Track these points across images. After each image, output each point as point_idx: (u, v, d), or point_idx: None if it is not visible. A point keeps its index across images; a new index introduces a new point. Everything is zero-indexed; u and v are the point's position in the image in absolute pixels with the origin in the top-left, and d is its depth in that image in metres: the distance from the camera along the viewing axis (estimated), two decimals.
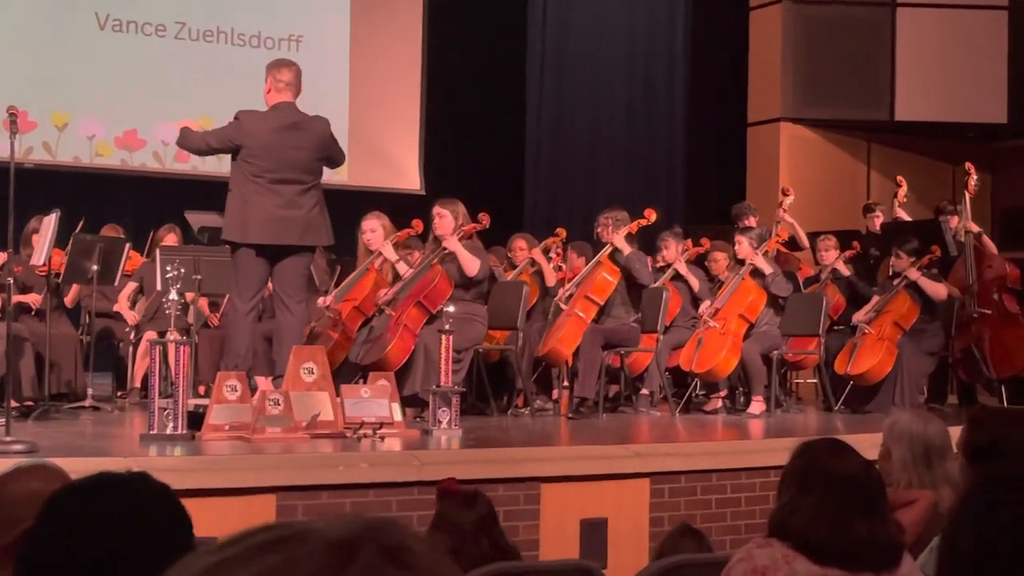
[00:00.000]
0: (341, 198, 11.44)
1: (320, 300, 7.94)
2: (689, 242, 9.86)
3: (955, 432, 3.52)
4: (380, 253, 8.09)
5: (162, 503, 1.87)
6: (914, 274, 8.92)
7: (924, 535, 3.54)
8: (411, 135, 12.96)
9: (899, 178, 10.83)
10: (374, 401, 6.41)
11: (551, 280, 9.18)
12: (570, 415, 8.07)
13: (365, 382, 6.80)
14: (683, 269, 9.30)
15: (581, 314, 8.36)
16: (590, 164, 13.89)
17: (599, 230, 8.67)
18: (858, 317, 9.11)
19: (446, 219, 7.89)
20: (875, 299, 9.15)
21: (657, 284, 9.01)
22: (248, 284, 6.75)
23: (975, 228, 9.51)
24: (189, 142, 6.97)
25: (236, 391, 6.12)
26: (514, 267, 9.30)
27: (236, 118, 6.79)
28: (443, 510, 3.74)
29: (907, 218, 10.50)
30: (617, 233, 8.49)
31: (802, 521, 2.77)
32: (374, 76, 12.75)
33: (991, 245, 9.66)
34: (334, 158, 6.99)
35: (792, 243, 10.33)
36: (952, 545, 1.63)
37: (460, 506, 3.73)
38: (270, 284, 6.94)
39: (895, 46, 12.91)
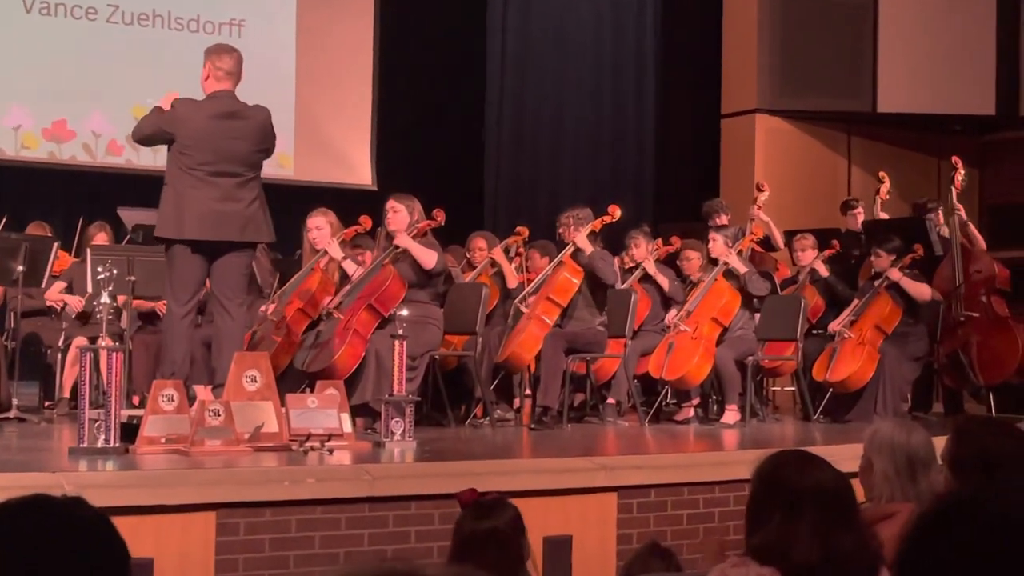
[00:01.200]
0: (286, 193, 11.42)
1: (262, 309, 7.89)
2: (659, 241, 9.88)
3: (940, 442, 3.54)
4: (326, 252, 8.07)
5: (97, 531, 1.85)
6: (896, 274, 8.98)
7: None
8: (362, 127, 12.92)
9: (881, 174, 10.89)
10: (322, 411, 6.38)
11: (512, 282, 9.18)
12: (532, 426, 8.06)
13: (312, 391, 6.77)
14: (652, 269, 9.31)
15: (543, 317, 8.36)
16: (554, 159, 13.89)
17: (561, 230, 8.68)
18: (835, 326, 9.15)
19: (400, 214, 7.88)
20: (854, 302, 9.20)
21: (625, 285, 9.02)
22: (184, 285, 6.70)
23: (964, 216, 9.55)
24: (135, 132, 6.97)
25: (173, 401, 6.07)
26: (473, 268, 9.29)
27: (172, 106, 6.75)
28: (467, 520, 3.74)
29: (884, 216, 10.56)
30: (579, 231, 8.50)
31: (801, 550, 2.78)
32: (322, 64, 12.71)
33: (979, 238, 9.70)
34: (271, 150, 6.97)
35: (768, 242, 10.37)
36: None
37: (471, 517, 3.73)
38: (208, 285, 6.90)
39: (877, 33, 12.99)
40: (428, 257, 7.77)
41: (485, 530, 3.69)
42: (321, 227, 8.16)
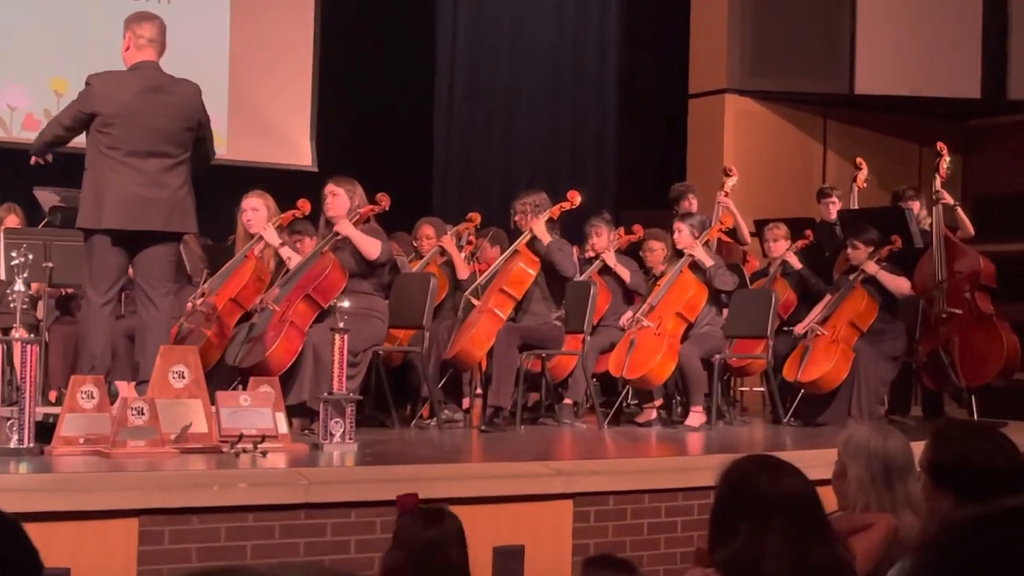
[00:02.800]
0: (219, 174, 11.34)
1: (191, 299, 7.83)
2: (621, 230, 9.90)
3: (919, 448, 3.56)
4: (261, 238, 8.03)
5: (8, 539, 1.83)
6: (872, 267, 9.04)
7: (882, 564, 3.58)
8: (302, 104, 12.86)
9: (859, 160, 10.94)
10: (255, 411, 6.35)
11: (462, 272, 9.17)
12: (483, 427, 8.06)
13: (245, 388, 6.74)
14: (612, 260, 9.33)
15: (496, 311, 8.36)
16: (508, 141, 13.88)
17: (516, 217, 8.67)
18: (800, 328, 9.20)
19: (340, 199, 7.85)
20: (827, 298, 9.25)
21: (584, 276, 9.03)
22: (104, 273, 6.65)
23: (951, 201, 9.60)
24: (43, 138, 6.85)
25: (93, 398, 6.03)
26: (420, 257, 9.28)
27: (87, 83, 6.68)
28: (397, 528, 3.73)
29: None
30: (536, 219, 8.49)
31: (771, 564, 2.79)
32: (259, 36, 12.63)
33: (968, 225, 9.73)
34: (205, 135, 6.89)
35: (732, 233, 10.39)
36: None
37: (414, 524, 3.72)
38: (131, 272, 6.85)
39: (856, 9, 13.05)
40: (371, 247, 7.75)
41: (431, 539, 3.69)
42: (257, 208, 8.12)
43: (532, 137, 13.89)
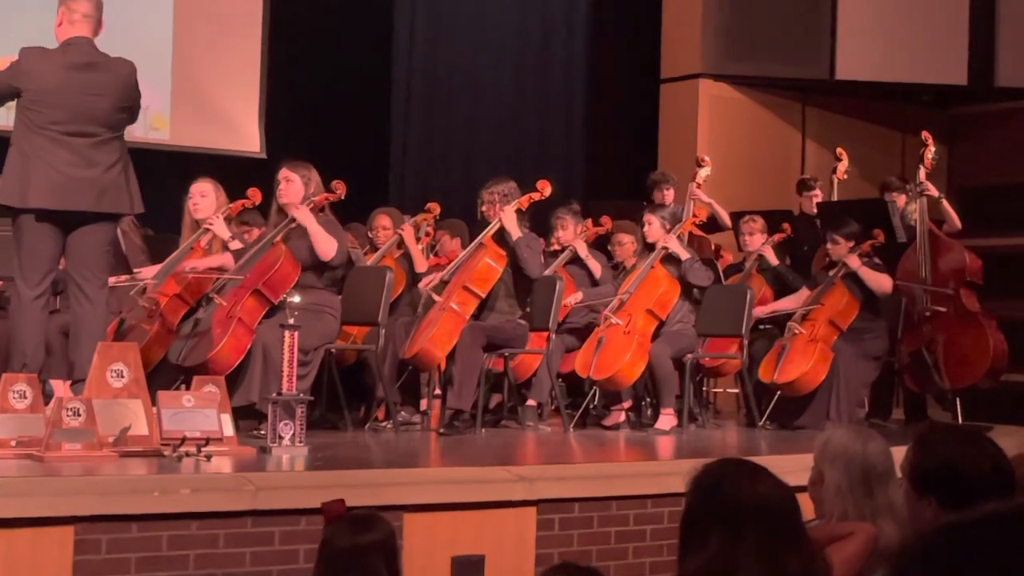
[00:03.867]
0: (161, 160, 11.31)
1: (132, 293, 7.78)
2: (588, 222, 9.90)
3: (900, 453, 3.57)
4: (208, 229, 7.99)
5: None
6: (855, 262, 9.07)
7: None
8: (250, 87, 12.81)
9: (839, 150, 10.98)
10: (199, 412, 6.34)
11: (421, 266, 9.15)
12: (442, 430, 8.05)
13: (188, 388, 6.71)
14: (584, 252, 9.33)
15: (457, 308, 8.34)
16: (470, 127, 13.86)
17: (483, 207, 8.64)
18: (762, 311, 9.22)
19: (295, 185, 7.83)
20: (804, 293, 9.27)
21: (550, 270, 9.03)
22: (34, 263, 6.60)
23: (935, 192, 9.64)
24: None
25: (25, 398, 6.00)
26: (376, 249, 9.25)
27: (17, 57, 6.65)
28: (328, 536, 3.71)
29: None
30: (504, 209, 8.47)
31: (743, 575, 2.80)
32: (205, 15, 12.57)
33: (955, 218, 9.76)
34: (135, 110, 6.88)
35: (711, 224, 10.42)
36: None
37: (347, 531, 3.71)
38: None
39: None
40: (327, 245, 7.70)
41: (353, 548, 3.67)
42: (206, 194, 8.08)
43: (495, 124, 13.87)
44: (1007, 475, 3.28)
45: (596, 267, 9.34)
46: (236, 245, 7.99)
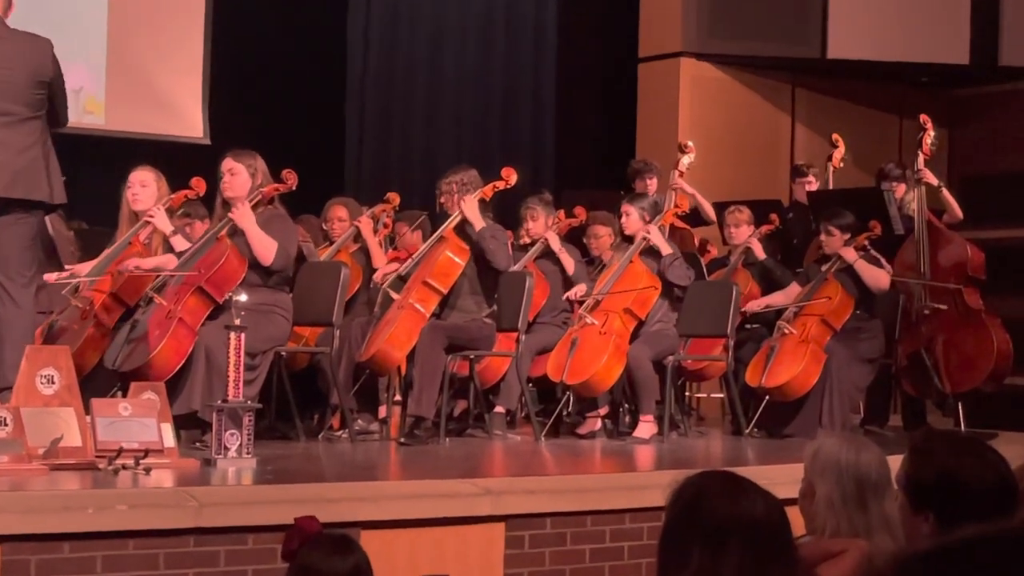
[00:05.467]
0: (95, 146, 11.26)
1: (48, 276, 7.73)
2: (560, 213, 9.90)
3: (897, 462, 3.58)
4: (148, 221, 7.95)
5: None
6: (851, 255, 9.08)
7: None
8: (193, 66, 12.77)
9: (835, 136, 11.00)
10: (137, 421, 6.31)
11: (379, 260, 9.15)
12: (402, 440, 8.05)
13: (125, 395, 6.71)
14: (556, 244, 9.32)
15: (418, 306, 8.34)
16: (431, 111, 13.86)
17: (442, 198, 8.65)
18: (753, 306, 9.25)
19: (239, 177, 7.81)
20: (794, 288, 9.28)
21: (519, 265, 9.03)
22: None
23: (934, 181, 9.66)
24: None
25: None
26: (330, 243, 9.25)
27: None
28: (306, 561, 3.69)
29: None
30: (466, 199, 8.47)
31: None
32: None
33: (956, 208, 9.78)
34: (55, 95, 6.81)
35: (694, 217, 10.42)
36: None
37: (329, 554, 3.68)
38: None
39: None
40: (265, 248, 7.65)
41: (348, 572, 3.66)
42: (147, 184, 8.03)
43: (459, 107, 13.87)
44: (1011, 487, 3.29)
45: (569, 263, 9.33)
46: (179, 241, 7.95)
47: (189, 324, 7.46)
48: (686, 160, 10.35)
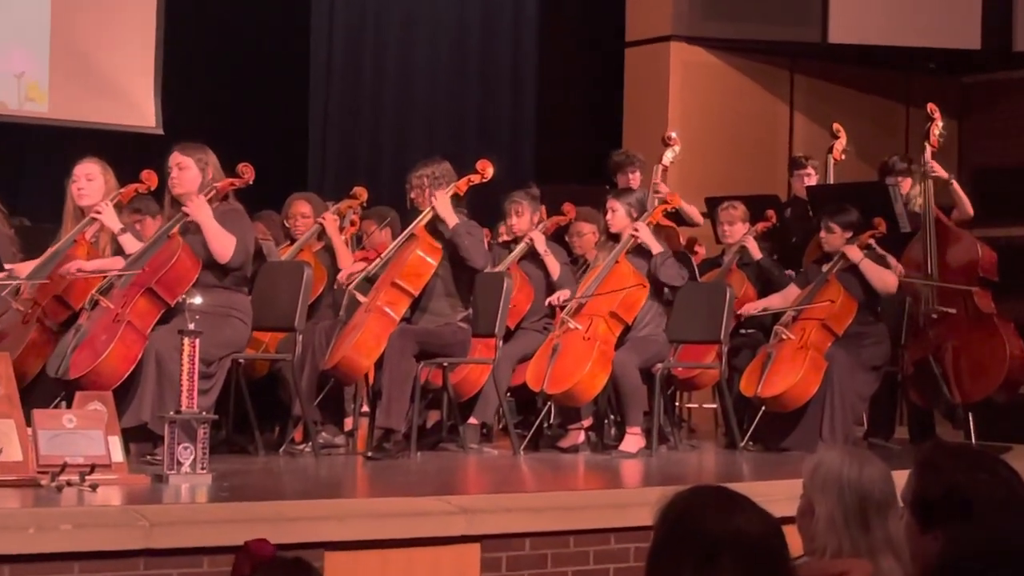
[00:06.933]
0: (38, 136, 11.23)
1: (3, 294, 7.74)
2: (543, 209, 9.90)
3: (903, 478, 3.59)
4: (95, 218, 7.93)
5: None
6: (856, 253, 9.08)
7: None
8: (144, 51, 12.76)
9: (836, 127, 10.99)
10: (82, 433, 6.30)
11: (345, 260, 9.14)
12: (370, 454, 8.06)
13: (70, 406, 6.69)
14: (541, 245, 9.31)
15: (387, 309, 8.34)
16: (403, 100, 13.86)
17: (412, 193, 8.65)
18: (748, 309, 9.26)
19: (189, 172, 7.79)
20: (792, 290, 9.29)
21: (501, 266, 9.03)
22: None
23: (943, 174, 9.67)
24: None
25: None
26: (292, 241, 9.24)
27: None
28: None
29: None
30: (438, 194, 8.47)
31: None
32: None
33: (967, 203, 9.80)
34: None
35: (681, 217, 10.38)
36: None
37: None
38: None
39: None
40: (223, 245, 7.65)
41: None
42: (93, 177, 8.01)
43: (432, 96, 13.88)
44: None
45: (554, 266, 9.29)
46: (128, 240, 7.92)
47: (138, 328, 7.44)
48: (670, 154, 10.31)
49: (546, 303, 9.17)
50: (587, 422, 9.00)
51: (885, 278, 9.10)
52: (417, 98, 13.86)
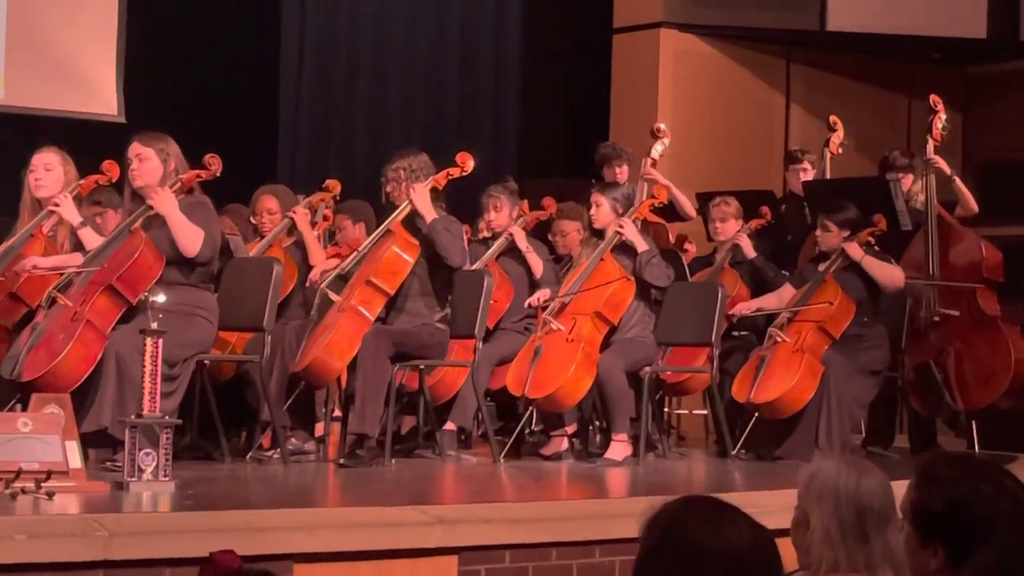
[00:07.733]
0: None
1: None
2: (525, 204, 9.90)
3: (902, 489, 3.59)
4: (53, 210, 7.92)
5: None
6: (856, 251, 9.08)
7: None
8: (106, 35, 12.75)
9: (832, 119, 11.00)
10: (38, 438, 6.29)
11: (316, 257, 9.13)
12: (342, 461, 8.06)
13: (25, 409, 6.68)
14: (523, 241, 9.31)
15: (361, 309, 8.34)
16: (377, 89, 13.85)
17: (388, 187, 8.65)
18: (741, 309, 9.26)
19: (150, 163, 7.78)
20: (787, 290, 9.29)
21: (479, 264, 9.03)
22: None
23: (946, 169, 9.68)
24: None
25: None
26: (261, 236, 9.22)
27: None
28: None
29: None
30: (415, 188, 8.47)
31: None
32: None
33: (970, 200, 9.80)
34: None
35: (670, 212, 10.38)
36: None
37: None
38: None
39: None
40: (190, 239, 7.63)
41: None
42: (52, 168, 8.00)
43: (408, 86, 13.87)
44: None
45: (537, 263, 9.30)
46: (88, 234, 7.91)
47: (98, 327, 7.43)
48: (659, 147, 10.29)
49: (526, 304, 9.17)
50: (571, 428, 8.99)
51: (891, 273, 9.11)
52: (393, 86, 13.84)
